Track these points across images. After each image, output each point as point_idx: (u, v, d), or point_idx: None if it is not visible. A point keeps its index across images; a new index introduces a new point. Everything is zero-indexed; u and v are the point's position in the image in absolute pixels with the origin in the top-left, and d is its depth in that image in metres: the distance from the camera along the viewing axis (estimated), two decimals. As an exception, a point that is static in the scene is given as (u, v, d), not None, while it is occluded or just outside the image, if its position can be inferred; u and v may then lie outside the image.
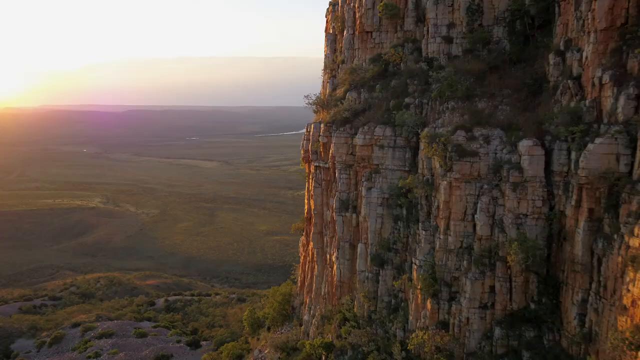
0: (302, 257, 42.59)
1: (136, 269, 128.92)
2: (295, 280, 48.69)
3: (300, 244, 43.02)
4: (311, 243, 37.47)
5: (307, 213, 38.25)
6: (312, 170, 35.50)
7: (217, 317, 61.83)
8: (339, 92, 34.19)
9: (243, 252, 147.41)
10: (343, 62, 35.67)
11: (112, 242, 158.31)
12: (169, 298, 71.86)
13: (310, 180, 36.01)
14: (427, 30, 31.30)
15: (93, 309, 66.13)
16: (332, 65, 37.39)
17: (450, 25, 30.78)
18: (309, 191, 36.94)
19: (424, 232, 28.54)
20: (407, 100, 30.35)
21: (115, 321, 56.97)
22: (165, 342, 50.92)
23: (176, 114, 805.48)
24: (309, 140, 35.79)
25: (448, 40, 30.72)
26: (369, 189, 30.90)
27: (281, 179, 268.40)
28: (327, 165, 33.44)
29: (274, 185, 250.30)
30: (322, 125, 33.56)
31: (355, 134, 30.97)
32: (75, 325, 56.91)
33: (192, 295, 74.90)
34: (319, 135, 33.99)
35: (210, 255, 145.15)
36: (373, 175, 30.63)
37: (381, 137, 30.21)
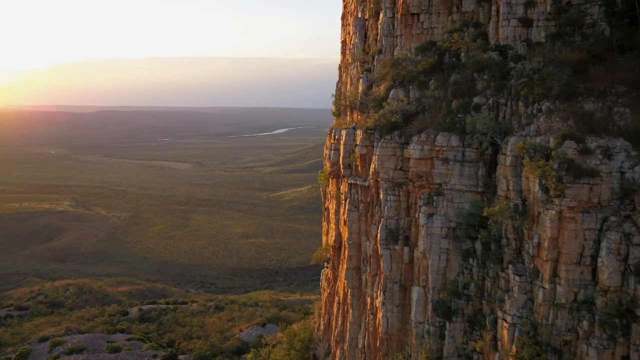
0: (324, 294, 35.60)
1: (107, 274, 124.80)
2: (313, 313, 43.46)
3: (322, 277, 35.99)
4: (342, 280, 29.19)
5: (334, 241, 30.56)
6: (346, 189, 27.57)
7: (195, 328, 59.10)
8: (379, 89, 26.33)
9: (218, 255, 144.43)
10: (380, 52, 27.45)
11: (82, 246, 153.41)
12: (143, 307, 68.75)
13: (344, 202, 28.04)
14: (497, 11, 24.56)
15: (62, 321, 62.73)
16: (362, 57, 28.77)
17: (529, 4, 23.88)
18: (338, 214, 29.22)
19: (517, 278, 21.09)
20: (476, 100, 23.06)
21: (87, 334, 53.81)
22: (140, 357, 48.12)
23: (147, 114, 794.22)
24: (337, 150, 27.92)
25: (526, 23, 24.09)
26: (429, 215, 23.14)
27: (256, 180, 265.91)
28: (366, 183, 25.66)
29: (248, 186, 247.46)
30: (358, 132, 25.79)
31: (407, 143, 23.67)
32: (43, 339, 53.57)
33: (168, 303, 71.86)
34: (355, 145, 26.35)
35: (185, 260, 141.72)
36: (434, 197, 23.17)
37: (445, 148, 22.74)
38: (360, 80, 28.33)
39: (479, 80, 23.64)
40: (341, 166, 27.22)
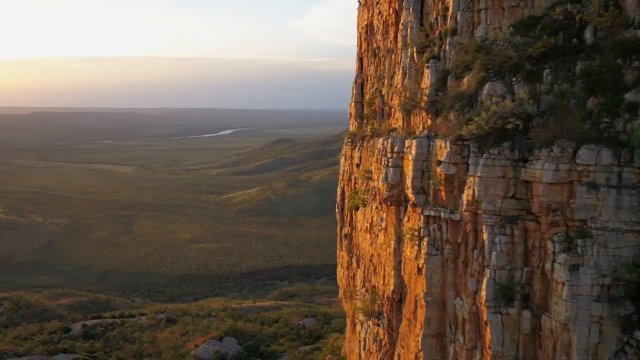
0: None
1: (45, 286, 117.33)
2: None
3: (365, 333, 25.09)
4: (411, 349, 20.29)
5: (393, 292, 21.32)
6: (419, 223, 18.79)
7: (146, 344, 55.17)
8: (461, 83, 18.61)
9: (165, 262, 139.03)
10: (454, 33, 19.70)
11: (17, 256, 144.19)
12: (87, 322, 63.99)
13: (414, 241, 19.02)
14: None
15: (-4, 341, 57.39)
16: (421, 41, 20.91)
17: None
18: (399, 255, 20.66)
19: None
20: (628, 97, 15.57)
21: (24, 357, 49.15)
22: (85, 379, 44.14)
23: (86, 116, 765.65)
24: (399, 167, 19.54)
25: None
26: (572, 268, 15.22)
27: (202, 183, 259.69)
28: (456, 217, 17.70)
29: (194, 189, 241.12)
30: (441, 144, 17.46)
31: (523, 159, 15.96)
32: (-26, 365, 48.58)
33: (114, 317, 67.29)
34: (435, 162, 17.82)
35: (129, 268, 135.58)
36: (578, 241, 15.30)
37: (592, 168, 15.27)
38: (427, 70, 19.34)
39: (628, 69, 16.03)
40: (409, 190, 18.77)
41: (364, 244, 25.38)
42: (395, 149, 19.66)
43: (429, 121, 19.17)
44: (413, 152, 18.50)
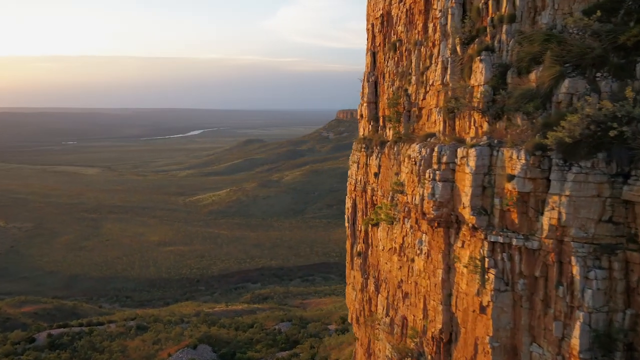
0: None
1: (8, 292, 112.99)
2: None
3: None
4: None
5: (441, 331, 17.65)
6: (482, 251, 15.02)
7: (116, 354, 52.97)
8: (531, 79, 14.78)
9: (134, 266, 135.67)
10: (512, 19, 16.04)
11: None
12: (53, 331, 61.33)
13: (472, 271, 15.43)
14: None
15: (-45, 354, 54.43)
16: (467, 29, 17.36)
17: None
18: (448, 286, 17.00)
19: None
20: None
21: (-15, 371, 46.61)
22: (52, 393, 41.91)
23: (50, 116, 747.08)
24: (448, 181, 16.02)
25: None
26: None
27: (171, 185, 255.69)
28: (532, 244, 14.08)
29: (163, 191, 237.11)
30: (510, 153, 14.10)
31: (623, 174, 12.89)
32: None
33: (81, 325, 64.68)
34: (502, 175, 14.40)
35: (97, 272, 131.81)
36: None
37: None
38: (480, 65, 15.92)
39: None
40: (466, 210, 15.28)
41: (387, 267, 21.82)
42: (444, 159, 15.97)
43: (485, 125, 15.67)
44: (472, 163, 14.84)
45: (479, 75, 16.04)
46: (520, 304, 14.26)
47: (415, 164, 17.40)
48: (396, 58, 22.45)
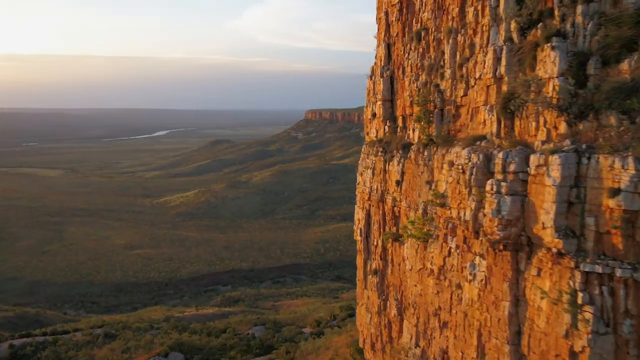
0: None
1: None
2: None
3: None
4: None
5: None
6: (575, 284, 11.59)
7: (82, 364, 50.94)
8: (623, 70, 11.78)
9: (99, 270, 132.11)
10: None
11: None
12: (15, 342, 58.53)
13: (579, 314, 11.48)
14: None
15: None
16: (525, 13, 14.23)
17: None
18: (514, 324, 13.79)
19: None
20: None
21: (-58, 387, 44.02)
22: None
23: (9, 116, 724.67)
24: (516, 194, 13.07)
25: None
26: None
27: (137, 186, 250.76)
28: None
29: (129, 193, 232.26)
30: (610, 161, 10.91)
31: None
32: None
33: (45, 334, 62.04)
34: (597, 188, 11.32)
35: (61, 278, 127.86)
36: None
37: None
38: (551, 53, 12.89)
39: None
40: (547, 232, 12.38)
41: (417, 289, 19.08)
42: (511, 168, 13.12)
43: (563, 126, 12.70)
44: (555, 173, 11.93)
45: (551, 65, 13.10)
46: (626, 350, 11.19)
47: (463, 172, 14.60)
48: (421, 49, 19.72)
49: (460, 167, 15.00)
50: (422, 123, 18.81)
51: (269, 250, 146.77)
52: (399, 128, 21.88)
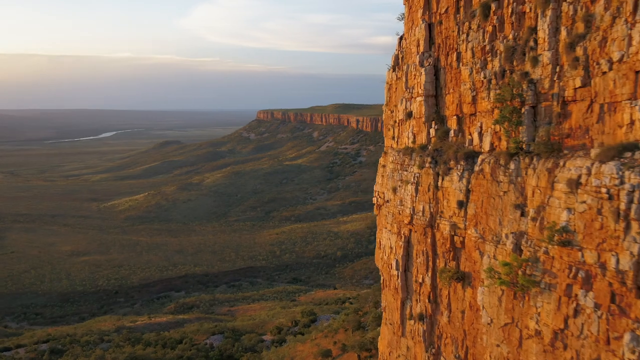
0: None
1: None
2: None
3: None
4: None
5: None
6: None
7: (26, 385, 47.26)
8: None
9: (44, 279, 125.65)
10: None
11: None
12: (-51, 362, 54.17)
13: None
14: None
15: None
16: None
17: None
18: None
19: None
20: None
21: None
22: None
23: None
24: None
25: None
26: None
27: (83, 190, 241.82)
28: None
29: (74, 197, 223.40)
30: None
31: None
32: None
33: (-16, 352, 57.72)
34: None
35: (1, 288, 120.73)
36: None
37: None
38: None
39: None
40: None
41: (502, 352, 14.35)
42: None
43: None
44: None
45: None
46: None
47: (610, 197, 10.05)
48: (490, 27, 14.91)
49: (602, 189, 10.42)
50: (508, 125, 13.87)
51: (223, 254, 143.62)
52: (452, 132, 17.01)
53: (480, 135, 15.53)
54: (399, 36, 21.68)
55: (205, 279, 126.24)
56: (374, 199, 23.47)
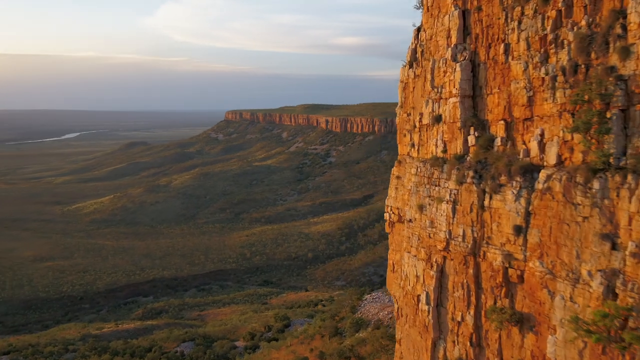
0: None
1: None
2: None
3: None
4: None
5: None
6: None
7: (-15, 400, 44.92)
8: None
9: (4, 286, 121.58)
10: None
11: None
12: None
13: None
14: None
15: None
16: None
17: None
18: None
19: None
20: None
21: None
22: None
23: None
24: None
25: None
26: None
27: (46, 193, 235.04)
28: None
29: (37, 200, 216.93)
30: None
31: None
32: None
33: (-61, 366, 54.86)
34: None
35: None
36: None
37: None
38: None
39: None
40: None
41: None
42: None
43: None
44: None
45: None
46: None
47: None
48: (552, 12, 12.30)
49: None
50: (594, 134, 11.07)
51: (192, 257, 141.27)
52: (499, 140, 14.36)
53: (541, 144, 12.74)
54: (415, 27, 19.22)
55: (174, 283, 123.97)
56: (386, 215, 20.67)
